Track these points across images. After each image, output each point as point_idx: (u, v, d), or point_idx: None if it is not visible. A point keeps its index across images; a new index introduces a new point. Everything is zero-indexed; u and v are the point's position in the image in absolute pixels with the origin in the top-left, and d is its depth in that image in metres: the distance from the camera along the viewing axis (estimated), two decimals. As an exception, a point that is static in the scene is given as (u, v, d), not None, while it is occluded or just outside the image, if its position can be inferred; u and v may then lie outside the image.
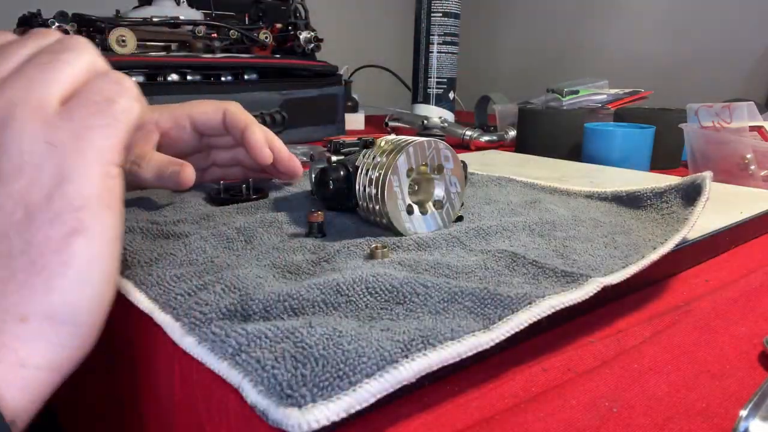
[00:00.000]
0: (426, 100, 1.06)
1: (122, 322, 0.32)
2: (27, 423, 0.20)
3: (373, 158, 0.37)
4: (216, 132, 0.49)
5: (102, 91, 0.23)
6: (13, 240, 0.20)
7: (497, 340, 0.23)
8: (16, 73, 0.23)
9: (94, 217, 0.21)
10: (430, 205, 0.38)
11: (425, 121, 0.91)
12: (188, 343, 0.24)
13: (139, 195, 0.47)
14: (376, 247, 0.32)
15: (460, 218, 0.40)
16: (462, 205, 0.40)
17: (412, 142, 0.36)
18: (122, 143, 0.23)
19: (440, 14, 1.03)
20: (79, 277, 0.21)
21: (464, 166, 0.40)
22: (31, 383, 0.20)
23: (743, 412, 0.21)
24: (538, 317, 0.25)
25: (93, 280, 0.21)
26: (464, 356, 0.22)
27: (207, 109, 0.47)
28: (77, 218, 0.21)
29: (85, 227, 0.21)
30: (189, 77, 0.79)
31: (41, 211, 0.21)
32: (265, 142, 0.47)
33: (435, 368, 0.21)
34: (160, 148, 0.48)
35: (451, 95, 1.07)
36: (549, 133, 0.77)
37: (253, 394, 0.20)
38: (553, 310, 0.25)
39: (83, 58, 0.24)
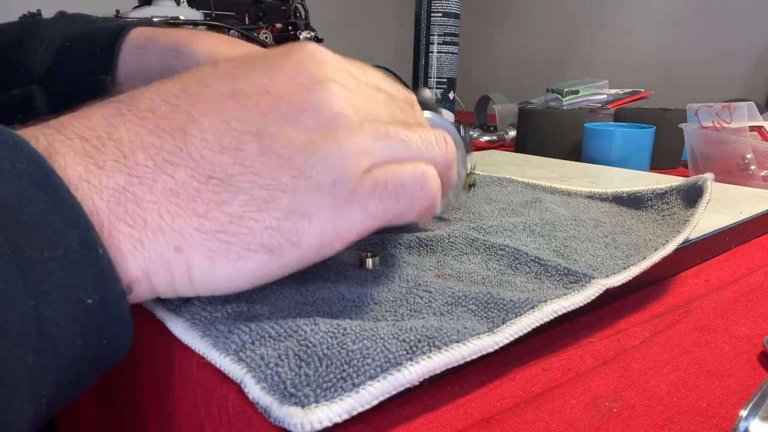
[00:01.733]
0: (426, 100, 1.06)
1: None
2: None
3: None
4: None
5: (409, 192, 0.23)
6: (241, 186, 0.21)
7: (501, 344, 0.23)
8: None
9: (280, 258, 0.22)
10: None
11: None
12: (191, 337, 0.24)
13: None
14: (366, 255, 0.32)
15: (472, 184, 0.40)
16: (473, 167, 0.40)
17: None
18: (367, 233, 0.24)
19: (440, 14, 1.03)
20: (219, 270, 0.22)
21: (460, 128, 0.40)
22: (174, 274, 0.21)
23: (743, 412, 0.21)
24: (542, 322, 0.25)
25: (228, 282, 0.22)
26: (468, 359, 0.22)
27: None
28: (272, 243, 0.22)
29: (271, 253, 0.22)
30: (189, 77, 0.79)
31: (271, 211, 0.21)
32: None
33: (439, 371, 0.21)
34: None
35: (451, 95, 1.07)
36: (549, 133, 0.77)
37: (255, 391, 0.20)
38: (555, 315, 0.25)
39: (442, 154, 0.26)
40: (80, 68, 0.39)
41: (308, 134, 0.22)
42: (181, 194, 0.21)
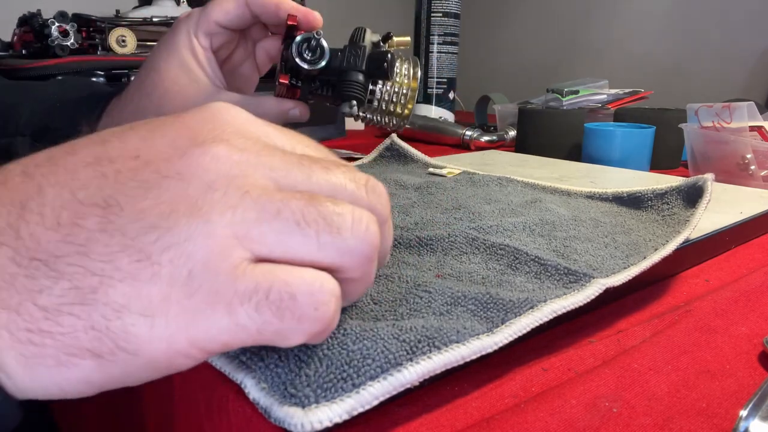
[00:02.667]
0: (426, 100, 1.06)
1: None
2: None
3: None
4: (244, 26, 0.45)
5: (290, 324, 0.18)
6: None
7: (501, 344, 0.23)
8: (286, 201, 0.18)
9: (116, 366, 0.17)
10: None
11: None
12: None
13: None
14: None
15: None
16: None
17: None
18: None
19: (440, 14, 1.03)
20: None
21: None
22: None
23: (743, 412, 0.21)
24: (541, 322, 0.25)
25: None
26: (468, 359, 0.22)
27: (227, 9, 0.43)
28: (100, 348, 0.17)
29: (102, 360, 0.17)
30: (189, 77, 0.79)
31: (99, 305, 0.17)
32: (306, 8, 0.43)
33: (438, 371, 0.21)
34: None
35: (451, 95, 1.07)
36: (549, 133, 0.77)
37: (255, 391, 0.20)
38: (555, 315, 0.25)
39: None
40: (66, 124, 0.42)
41: (169, 207, 0.17)
42: None
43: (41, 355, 0.17)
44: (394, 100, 0.44)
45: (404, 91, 0.44)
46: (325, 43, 0.40)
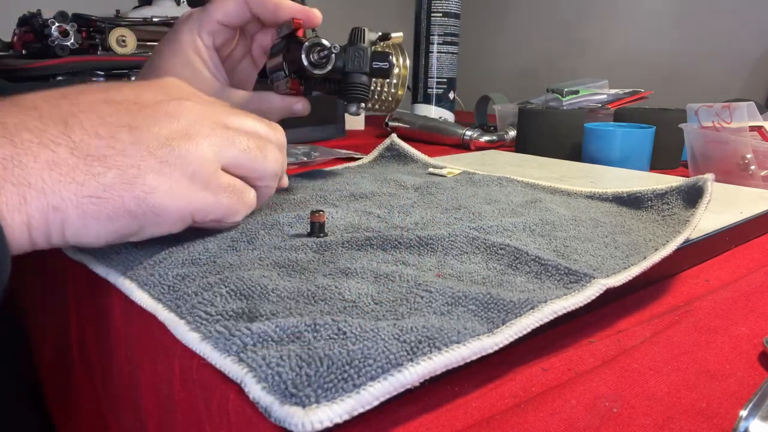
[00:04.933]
0: (426, 100, 1.06)
1: (123, 322, 0.32)
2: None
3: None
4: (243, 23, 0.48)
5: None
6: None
7: (501, 345, 0.23)
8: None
9: (143, 222, 0.29)
10: None
11: None
12: (192, 339, 0.24)
13: None
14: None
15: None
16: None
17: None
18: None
19: (440, 14, 1.03)
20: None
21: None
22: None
23: (743, 412, 0.21)
24: (542, 322, 0.25)
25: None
26: (468, 360, 0.22)
27: (228, 8, 0.45)
28: (137, 211, 0.28)
29: (135, 218, 0.28)
30: (189, 77, 0.79)
31: (139, 184, 0.28)
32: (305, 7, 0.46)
33: (439, 372, 0.21)
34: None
35: (451, 95, 1.07)
36: (549, 133, 0.77)
37: (256, 390, 0.20)
38: (555, 315, 0.25)
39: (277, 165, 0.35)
40: None
41: (172, 133, 0.29)
42: (62, 166, 0.26)
43: (97, 212, 0.26)
44: (387, 90, 0.46)
45: (395, 81, 0.46)
46: (332, 49, 0.41)
